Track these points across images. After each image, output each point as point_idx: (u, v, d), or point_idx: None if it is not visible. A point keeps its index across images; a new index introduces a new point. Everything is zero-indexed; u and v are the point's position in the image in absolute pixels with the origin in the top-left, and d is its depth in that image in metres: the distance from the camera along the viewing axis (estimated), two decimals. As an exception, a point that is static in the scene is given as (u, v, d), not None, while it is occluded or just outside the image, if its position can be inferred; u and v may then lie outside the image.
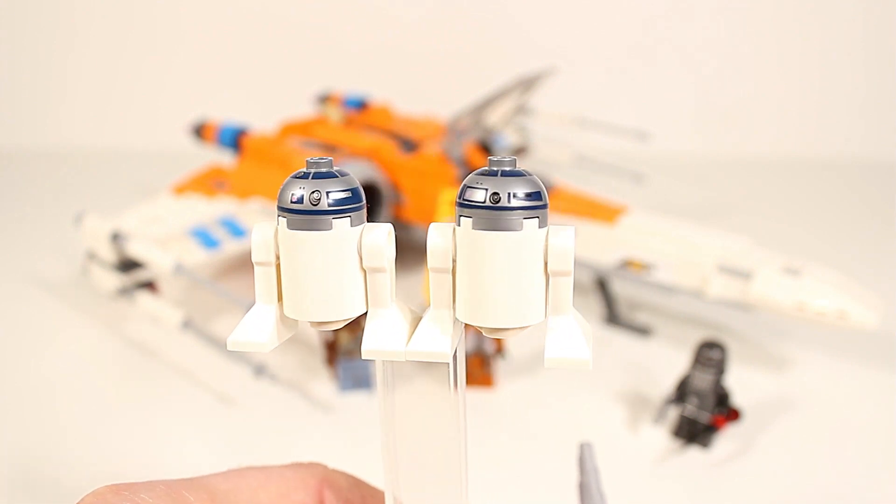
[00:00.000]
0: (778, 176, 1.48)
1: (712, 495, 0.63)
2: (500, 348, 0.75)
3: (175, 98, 1.52)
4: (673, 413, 0.69)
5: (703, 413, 0.66)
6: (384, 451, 0.26)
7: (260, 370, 0.70)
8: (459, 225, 0.22)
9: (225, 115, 1.22)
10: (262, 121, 1.16)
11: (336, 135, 1.05)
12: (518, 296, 0.22)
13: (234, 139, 1.02)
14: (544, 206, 0.22)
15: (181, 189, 0.94)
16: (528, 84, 1.07)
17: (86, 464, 0.64)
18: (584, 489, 0.18)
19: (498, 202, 0.21)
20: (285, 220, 0.22)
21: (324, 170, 0.23)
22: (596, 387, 0.75)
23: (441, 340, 0.23)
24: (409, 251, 0.90)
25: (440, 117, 1.14)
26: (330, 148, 1.00)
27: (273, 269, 0.23)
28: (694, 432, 0.67)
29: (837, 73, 1.59)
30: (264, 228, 0.24)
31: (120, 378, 0.78)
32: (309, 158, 0.23)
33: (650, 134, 1.24)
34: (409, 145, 1.01)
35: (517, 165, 0.22)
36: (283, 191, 0.23)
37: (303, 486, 0.26)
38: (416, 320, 0.24)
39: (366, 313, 0.24)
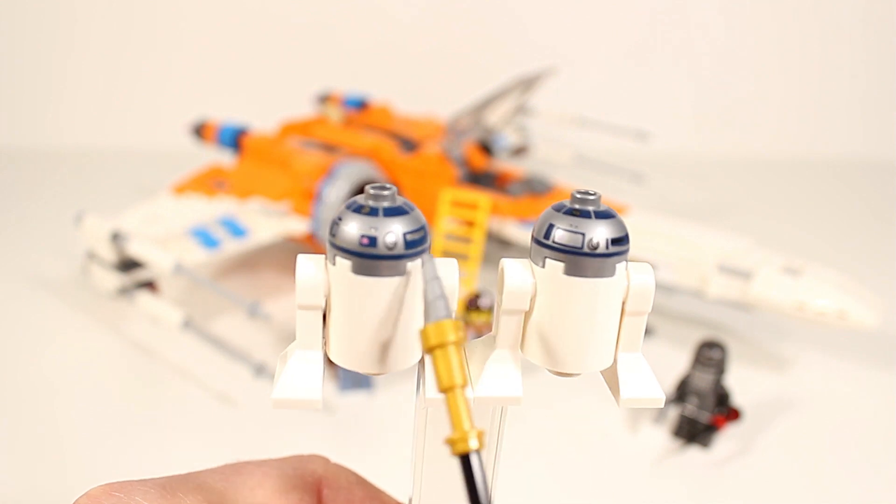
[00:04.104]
0: (778, 176, 1.48)
1: (712, 495, 0.63)
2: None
3: (175, 98, 1.52)
4: (673, 413, 0.69)
5: (703, 413, 0.66)
6: (414, 463, 0.24)
7: (260, 370, 0.70)
8: (543, 266, 0.20)
9: (225, 115, 1.22)
10: (262, 121, 1.16)
11: (336, 135, 1.05)
12: (600, 340, 0.21)
13: (234, 139, 1.02)
14: (629, 247, 0.21)
15: (181, 189, 0.94)
16: (528, 84, 1.07)
17: (86, 464, 0.64)
18: (427, 295, 0.17)
19: (596, 248, 0.20)
20: (349, 262, 0.19)
21: (390, 204, 0.19)
22: (596, 387, 0.75)
23: (512, 383, 0.21)
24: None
25: (440, 117, 1.14)
26: (330, 148, 1.00)
27: (321, 314, 0.20)
28: (694, 432, 0.67)
29: (837, 73, 1.59)
30: (314, 266, 0.20)
31: (120, 378, 0.77)
32: (371, 188, 0.19)
33: (650, 134, 1.24)
34: (409, 145, 1.01)
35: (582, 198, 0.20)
36: (345, 228, 0.19)
37: (301, 485, 0.25)
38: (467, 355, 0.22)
39: None
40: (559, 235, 0.20)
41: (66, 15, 1.49)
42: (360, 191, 0.93)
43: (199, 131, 1.09)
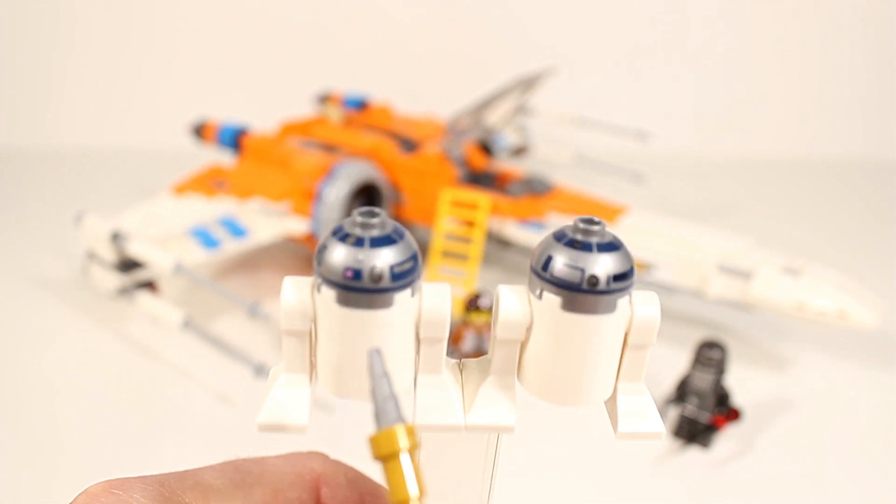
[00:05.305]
0: (778, 176, 1.48)
1: (712, 495, 0.63)
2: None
3: (175, 98, 1.52)
4: (673, 413, 0.69)
5: (703, 413, 0.66)
6: None
7: (260, 370, 0.70)
8: (540, 298, 0.19)
9: (225, 115, 1.22)
10: (262, 121, 1.16)
11: (336, 135, 1.05)
12: (598, 375, 0.21)
13: (234, 139, 1.02)
14: (633, 281, 0.20)
15: (181, 189, 0.94)
16: (528, 84, 1.07)
17: (85, 463, 0.64)
18: (375, 396, 0.17)
19: (595, 285, 0.19)
20: (333, 293, 0.19)
21: (379, 234, 0.18)
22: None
23: (505, 411, 0.21)
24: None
25: (440, 117, 1.14)
26: (330, 148, 1.00)
27: (307, 338, 0.20)
28: (694, 432, 0.67)
29: (837, 72, 1.59)
30: (298, 290, 0.19)
31: (120, 377, 0.77)
32: (358, 214, 0.19)
33: (650, 134, 1.24)
34: (409, 145, 1.01)
35: (605, 230, 0.19)
36: (329, 257, 0.18)
37: (299, 482, 0.25)
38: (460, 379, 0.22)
39: None
40: (557, 269, 0.19)
41: (66, 15, 1.49)
42: (360, 191, 0.94)
43: (199, 131, 1.09)
